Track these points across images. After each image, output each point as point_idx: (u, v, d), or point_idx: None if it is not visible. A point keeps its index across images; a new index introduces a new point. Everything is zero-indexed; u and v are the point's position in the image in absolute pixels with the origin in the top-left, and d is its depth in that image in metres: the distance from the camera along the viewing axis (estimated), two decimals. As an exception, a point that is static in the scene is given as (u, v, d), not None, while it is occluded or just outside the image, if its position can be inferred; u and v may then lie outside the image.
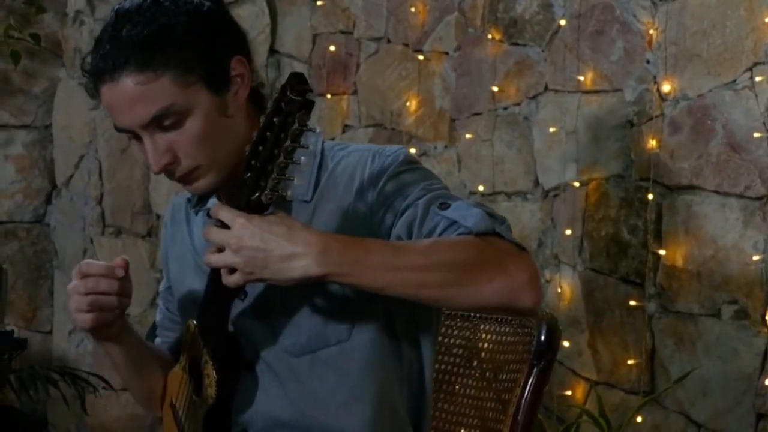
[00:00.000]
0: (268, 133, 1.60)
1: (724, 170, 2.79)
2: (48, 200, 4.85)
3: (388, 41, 3.71)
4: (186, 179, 1.80)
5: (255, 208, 1.65)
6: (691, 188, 2.86)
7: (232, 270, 1.66)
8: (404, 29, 3.64)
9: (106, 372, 4.34)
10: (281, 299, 1.82)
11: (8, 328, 4.24)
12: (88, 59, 1.78)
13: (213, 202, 1.90)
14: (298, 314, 1.83)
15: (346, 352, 1.84)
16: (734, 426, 2.76)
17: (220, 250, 1.66)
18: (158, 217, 4.52)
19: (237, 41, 1.81)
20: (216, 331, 1.82)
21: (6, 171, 4.76)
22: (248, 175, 1.63)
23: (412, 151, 3.57)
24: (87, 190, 4.66)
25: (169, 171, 1.78)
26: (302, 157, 1.61)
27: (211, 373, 1.82)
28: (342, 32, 3.86)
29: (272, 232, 1.62)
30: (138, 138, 1.78)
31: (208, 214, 1.91)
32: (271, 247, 1.62)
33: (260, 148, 1.61)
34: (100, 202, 4.63)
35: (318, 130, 1.63)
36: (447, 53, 3.52)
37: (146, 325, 4.37)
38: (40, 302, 4.82)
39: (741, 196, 2.76)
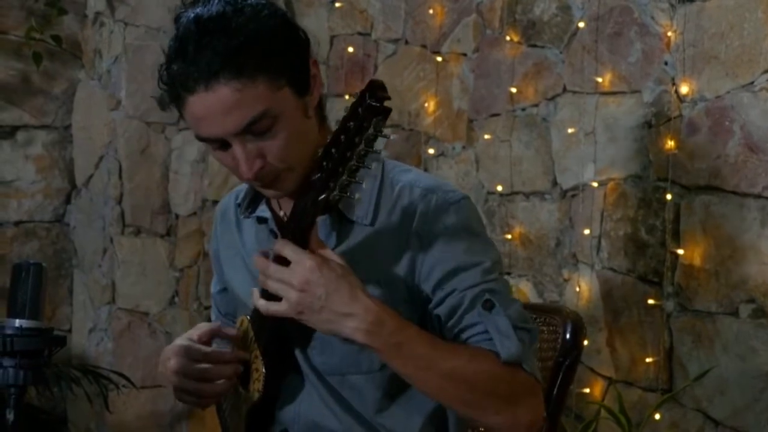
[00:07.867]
0: (342, 137, 1.62)
1: (742, 171, 2.81)
2: (68, 200, 4.87)
3: (406, 43, 3.73)
4: (274, 183, 1.81)
5: (322, 209, 1.67)
6: (709, 188, 2.88)
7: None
8: (422, 31, 3.67)
9: (127, 369, 4.39)
10: None
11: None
12: (172, 70, 1.76)
13: (263, 209, 1.93)
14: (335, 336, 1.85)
15: (375, 381, 1.87)
16: (752, 423, 2.78)
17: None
18: (177, 216, 4.56)
19: (308, 44, 1.84)
20: (269, 329, 1.86)
21: (26, 171, 4.77)
22: (318, 176, 1.65)
23: (430, 152, 3.60)
24: (107, 190, 4.68)
25: (260, 176, 1.79)
26: (373, 163, 1.65)
27: (260, 368, 1.85)
28: (360, 34, 3.88)
29: (338, 288, 1.68)
30: (223, 147, 1.78)
31: (258, 220, 1.94)
32: (333, 299, 1.68)
33: (333, 150, 1.63)
34: (119, 202, 4.65)
35: (392, 137, 1.66)
36: (465, 54, 3.54)
37: (165, 324, 4.41)
38: (60, 301, 4.84)
39: (759, 197, 2.77)
